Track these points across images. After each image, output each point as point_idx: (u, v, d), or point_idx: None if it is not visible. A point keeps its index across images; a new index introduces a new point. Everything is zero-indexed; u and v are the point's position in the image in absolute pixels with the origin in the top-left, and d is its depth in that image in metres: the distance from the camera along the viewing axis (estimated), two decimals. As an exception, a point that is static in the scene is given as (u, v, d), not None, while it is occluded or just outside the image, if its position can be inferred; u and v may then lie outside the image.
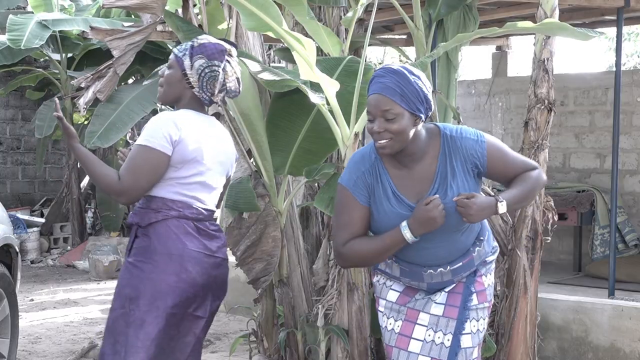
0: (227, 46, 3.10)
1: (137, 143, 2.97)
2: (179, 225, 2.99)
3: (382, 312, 2.89)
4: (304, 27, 4.07)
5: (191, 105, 3.07)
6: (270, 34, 3.84)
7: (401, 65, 2.67)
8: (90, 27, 5.15)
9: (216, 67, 3.04)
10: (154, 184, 2.97)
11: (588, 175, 7.31)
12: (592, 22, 6.95)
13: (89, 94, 4.53)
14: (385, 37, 7.35)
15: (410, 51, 7.67)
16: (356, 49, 4.92)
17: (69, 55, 10.37)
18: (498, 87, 7.97)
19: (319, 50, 4.23)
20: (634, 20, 7.22)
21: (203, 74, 3.04)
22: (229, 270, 3.19)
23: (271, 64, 5.45)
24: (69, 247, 10.68)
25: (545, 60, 4.20)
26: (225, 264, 3.13)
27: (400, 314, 2.84)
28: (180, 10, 4.75)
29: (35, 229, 10.25)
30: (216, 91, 3.06)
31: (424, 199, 2.62)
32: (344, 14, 4.57)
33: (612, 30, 8.57)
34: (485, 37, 6.66)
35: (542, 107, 4.22)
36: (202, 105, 3.11)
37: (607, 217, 6.44)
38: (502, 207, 2.61)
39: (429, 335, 2.79)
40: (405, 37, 7.52)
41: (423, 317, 2.80)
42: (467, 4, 4.81)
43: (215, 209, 3.16)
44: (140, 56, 6.74)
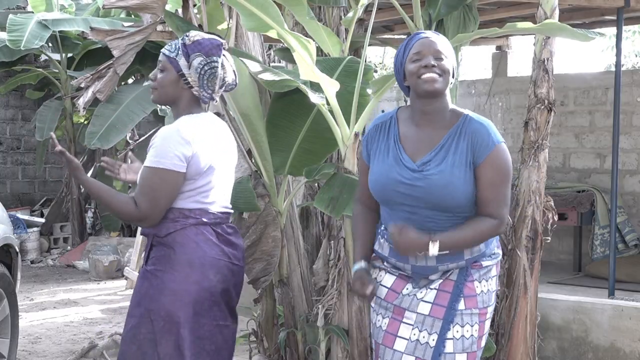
0: (220, 39, 3.04)
1: (149, 165, 2.89)
2: (197, 232, 2.94)
3: (373, 307, 2.93)
4: (304, 27, 4.07)
5: (190, 106, 3.01)
6: (270, 34, 3.84)
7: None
8: (91, 28, 5.15)
9: (215, 63, 2.97)
10: (173, 202, 2.94)
11: (588, 175, 7.31)
12: (592, 22, 6.95)
13: (89, 94, 4.53)
14: (385, 37, 7.35)
15: (410, 51, 7.66)
16: (356, 49, 4.91)
17: (69, 55, 10.37)
18: (498, 87, 7.97)
19: (319, 50, 4.23)
20: (634, 20, 7.22)
21: (203, 72, 2.95)
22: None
23: (271, 64, 5.45)
24: (69, 247, 10.68)
25: (545, 60, 4.20)
26: (242, 271, 3.12)
27: (388, 311, 2.85)
28: (180, 10, 4.75)
29: (35, 229, 10.25)
30: (217, 88, 3.00)
31: (421, 162, 2.73)
32: (344, 14, 4.56)
33: (612, 30, 8.58)
34: (485, 37, 6.65)
35: (542, 107, 4.22)
36: (200, 104, 3.05)
37: (607, 217, 6.44)
38: (434, 249, 2.63)
39: (414, 334, 2.79)
40: (405, 37, 7.52)
41: (409, 315, 2.81)
42: (467, 4, 4.80)
43: (230, 206, 3.12)
44: (140, 56, 6.75)
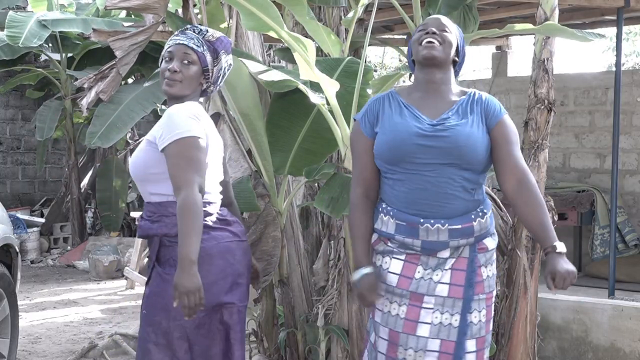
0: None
1: (178, 137, 2.78)
2: (205, 223, 2.86)
3: (382, 295, 2.88)
4: (304, 27, 4.07)
5: (193, 99, 3.03)
6: (271, 33, 3.85)
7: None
8: (93, 29, 5.16)
9: (232, 62, 3.12)
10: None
11: (588, 175, 7.31)
12: (592, 22, 6.95)
13: (92, 95, 4.53)
14: (385, 37, 7.35)
15: (410, 51, 7.66)
16: (356, 49, 4.91)
17: (69, 55, 10.37)
18: (498, 87, 7.96)
19: (319, 50, 4.23)
20: (634, 20, 7.21)
21: (225, 70, 3.05)
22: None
23: (271, 64, 5.45)
24: (69, 247, 10.67)
25: (545, 60, 4.20)
26: (249, 247, 3.17)
27: (404, 298, 2.83)
28: (181, 10, 4.75)
29: (35, 229, 10.25)
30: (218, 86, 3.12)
31: (440, 119, 2.79)
32: (344, 14, 4.56)
33: (612, 30, 8.58)
34: (485, 37, 6.65)
35: (542, 107, 4.21)
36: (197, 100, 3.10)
37: (607, 217, 6.45)
38: (562, 247, 2.74)
39: (436, 317, 2.79)
40: (405, 37, 7.52)
41: (428, 299, 2.81)
42: (467, 4, 4.80)
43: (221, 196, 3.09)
44: (140, 56, 6.75)
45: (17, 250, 4.88)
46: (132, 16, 9.48)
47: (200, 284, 2.69)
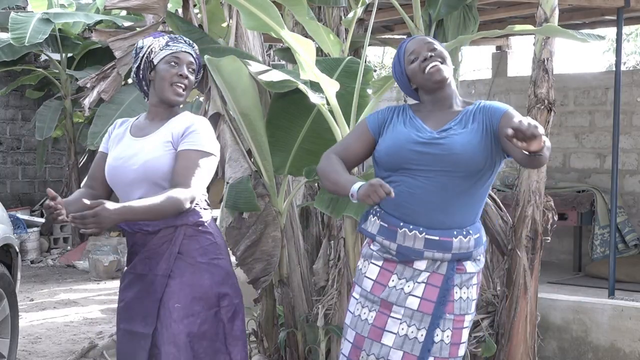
0: None
1: (202, 149, 2.89)
2: (206, 225, 3.02)
3: (357, 299, 2.90)
4: (304, 27, 4.08)
5: (180, 109, 3.09)
6: (271, 33, 3.85)
7: None
8: (94, 29, 5.17)
9: None
10: None
11: (588, 175, 7.31)
12: (592, 22, 6.95)
13: (94, 94, 4.53)
14: (385, 37, 7.35)
15: (410, 51, 7.65)
16: (356, 49, 4.92)
17: (69, 55, 10.37)
18: (498, 87, 7.96)
19: (319, 50, 4.23)
20: (634, 20, 7.22)
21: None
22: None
23: (271, 64, 5.45)
24: (69, 247, 10.68)
25: (545, 60, 4.20)
26: None
27: (375, 304, 2.84)
28: (181, 10, 4.75)
29: (35, 229, 10.24)
30: None
31: (441, 129, 2.80)
32: (344, 14, 4.57)
33: (612, 30, 8.57)
34: (486, 37, 6.65)
35: (542, 107, 4.21)
36: None
37: (607, 217, 6.44)
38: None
39: (402, 328, 2.79)
40: (405, 37, 7.52)
41: (397, 309, 2.81)
42: (467, 4, 4.80)
43: None
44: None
45: (17, 250, 4.88)
46: (132, 15, 9.48)
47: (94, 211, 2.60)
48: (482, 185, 2.83)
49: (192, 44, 3.06)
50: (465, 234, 2.82)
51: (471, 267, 2.86)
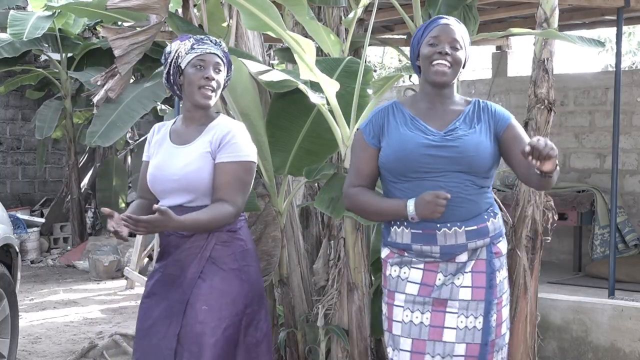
0: None
1: (240, 160, 2.94)
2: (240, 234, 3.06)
3: (401, 306, 2.87)
4: (304, 27, 4.07)
5: (212, 110, 3.12)
6: (271, 33, 3.85)
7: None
8: (102, 26, 5.16)
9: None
10: None
11: (588, 175, 7.31)
12: (592, 22, 6.95)
13: (102, 92, 4.53)
14: (385, 37, 7.35)
15: (410, 51, 7.65)
16: (356, 49, 4.91)
17: (69, 55, 10.38)
18: (498, 87, 7.96)
19: (319, 50, 4.23)
20: (634, 20, 7.22)
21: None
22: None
23: (271, 64, 5.45)
24: (69, 247, 10.68)
25: (545, 60, 4.20)
26: None
27: (427, 305, 2.84)
28: (181, 10, 4.75)
29: (35, 229, 10.25)
30: None
31: (448, 130, 2.79)
32: (344, 14, 4.56)
33: (610, 30, 8.57)
34: (486, 37, 6.65)
35: (542, 107, 4.21)
36: None
37: (607, 217, 6.44)
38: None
39: (460, 321, 2.81)
40: (405, 37, 7.51)
41: (452, 304, 2.83)
42: (467, 4, 4.80)
43: None
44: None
45: (17, 250, 4.88)
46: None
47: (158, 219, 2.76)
48: (493, 172, 2.91)
49: (219, 43, 3.05)
50: (493, 214, 2.89)
51: (504, 246, 2.94)
